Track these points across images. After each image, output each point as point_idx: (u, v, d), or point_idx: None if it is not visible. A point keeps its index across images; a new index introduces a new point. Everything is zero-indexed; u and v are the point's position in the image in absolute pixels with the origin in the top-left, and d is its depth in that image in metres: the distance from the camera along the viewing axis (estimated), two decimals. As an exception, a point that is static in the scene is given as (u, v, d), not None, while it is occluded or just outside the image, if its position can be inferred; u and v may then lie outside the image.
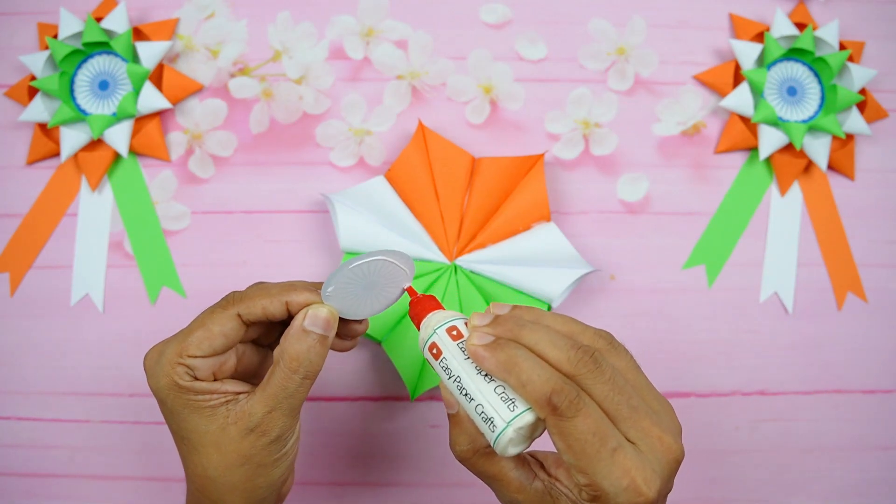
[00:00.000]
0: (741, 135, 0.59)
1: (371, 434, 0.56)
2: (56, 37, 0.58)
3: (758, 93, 0.59)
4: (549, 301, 0.54)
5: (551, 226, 0.55)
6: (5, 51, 0.59)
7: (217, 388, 0.39)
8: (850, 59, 0.60)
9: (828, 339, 0.58)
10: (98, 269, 0.57)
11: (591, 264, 0.56)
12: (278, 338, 0.40)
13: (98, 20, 0.58)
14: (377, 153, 0.58)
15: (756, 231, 0.59)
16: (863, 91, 0.60)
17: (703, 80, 0.60)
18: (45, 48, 0.58)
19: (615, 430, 0.34)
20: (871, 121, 0.60)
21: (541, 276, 0.54)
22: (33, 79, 0.58)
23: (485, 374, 0.36)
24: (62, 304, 0.57)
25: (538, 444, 0.38)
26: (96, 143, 0.57)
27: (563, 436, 0.34)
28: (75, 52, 0.57)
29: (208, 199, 0.58)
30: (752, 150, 0.59)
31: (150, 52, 0.57)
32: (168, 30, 0.58)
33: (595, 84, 0.60)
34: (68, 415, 0.56)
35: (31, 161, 0.58)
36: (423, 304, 0.40)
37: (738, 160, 0.60)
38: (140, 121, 0.57)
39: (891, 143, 0.60)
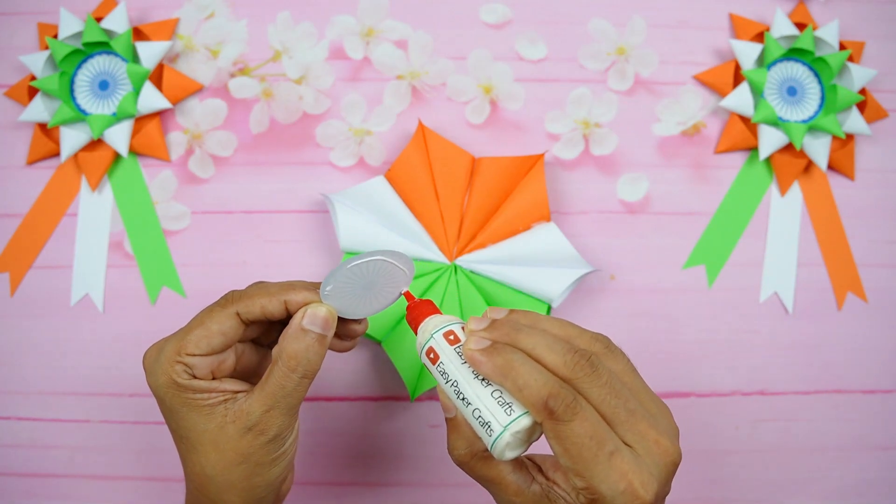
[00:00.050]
0: (741, 135, 0.59)
1: (371, 434, 0.56)
2: (56, 37, 0.58)
3: (758, 93, 0.59)
4: (549, 301, 0.54)
5: (551, 226, 0.55)
6: (5, 51, 0.59)
7: (215, 386, 0.39)
8: (850, 59, 0.60)
9: (828, 339, 0.58)
10: (98, 269, 0.57)
11: (591, 264, 0.56)
12: (278, 337, 0.40)
13: (98, 20, 0.58)
14: (377, 153, 0.58)
15: (756, 231, 0.59)
16: (863, 91, 0.60)
17: (703, 80, 0.60)
18: (45, 48, 0.58)
19: (612, 434, 0.35)
20: (871, 121, 0.60)
21: (541, 276, 0.54)
22: (33, 79, 0.58)
23: (482, 379, 0.37)
24: (62, 304, 0.57)
25: (536, 448, 0.38)
26: (96, 143, 0.57)
27: (559, 440, 0.34)
28: (75, 52, 0.57)
29: (208, 199, 0.58)
30: (752, 150, 0.59)
31: (150, 52, 0.57)
32: (168, 30, 0.58)
33: (595, 84, 0.60)
34: (68, 415, 0.56)
35: (31, 161, 0.58)
36: (421, 308, 0.40)
37: (738, 160, 0.60)
38: (140, 121, 0.57)
39: (891, 143, 0.60)
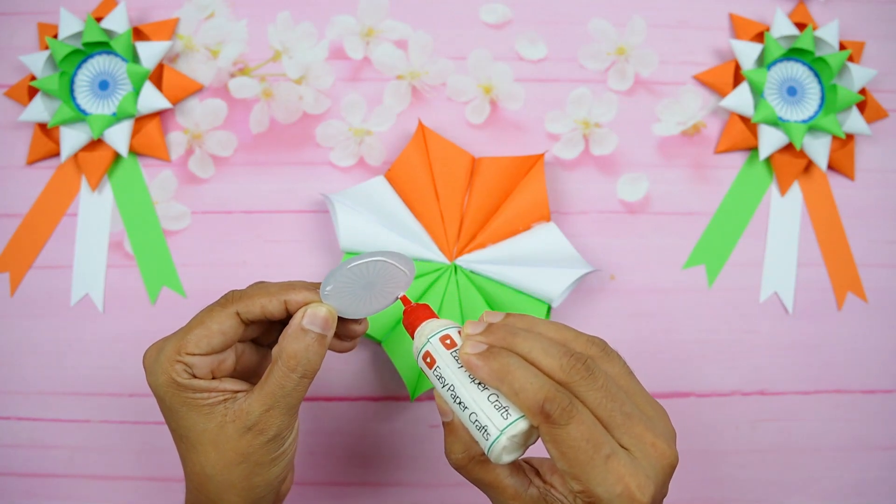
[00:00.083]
0: (741, 135, 0.59)
1: (371, 434, 0.56)
2: (56, 37, 0.58)
3: (758, 93, 0.59)
4: (549, 301, 0.54)
5: (551, 226, 0.55)
6: (5, 51, 0.59)
7: (215, 386, 0.39)
8: (850, 59, 0.60)
9: (828, 339, 0.58)
10: (98, 269, 0.57)
11: (591, 264, 0.56)
12: (277, 337, 0.40)
13: (98, 20, 0.58)
14: (377, 153, 0.58)
15: (756, 231, 0.59)
16: (863, 91, 0.60)
17: (703, 80, 0.60)
18: (45, 48, 0.58)
19: (608, 437, 0.35)
20: (871, 121, 0.60)
21: (541, 276, 0.54)
22: (33, 79, 0.58)
23: (478, 383, 0.37)
24: (62, 304, 0.57)
25: (533, 451, 0.38)
26: (96, 143, 0.57)
27: (556, 443, 0.34)
28: (75, 52, 0.57)
29: (208, 199, 0.58)
30: (752, 150, 0.59)
31: (150, 52, 0.57)
32: (168, 30, 0.58)
33: (595, 84, 0.60)
34: (68, 415, 0.56)
35: (31, 161, 0.58)
36: (417, 313, 0.40)
37: (738, 160, 0.60)
38: (140, 121, 0.57)
39: (891, 143, 0.60)
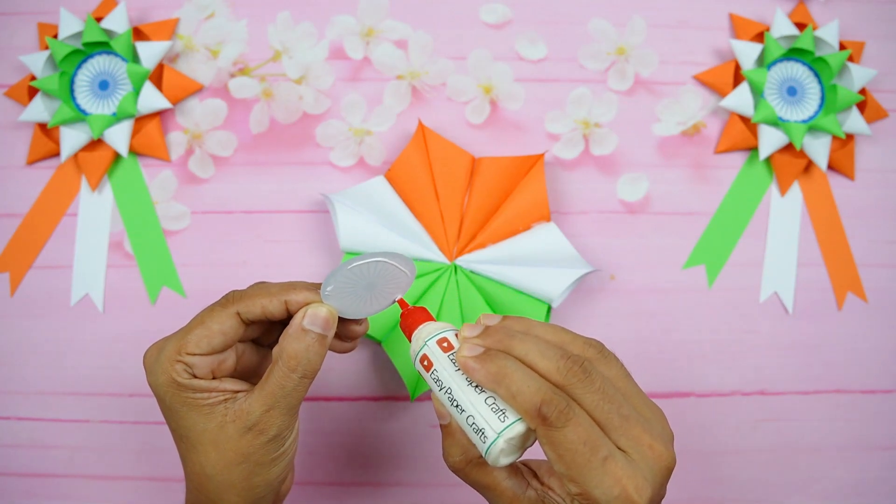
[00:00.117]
0: (741, 135, 0.59)
1: (371, 434, 0.56)
2: (56, 37, 0.58)
3: (758, 93, 0.59)
4: (549, 301, 0.54)
5: (551, 226, 0.55)
6: (5, 51, 0.59)
7: (215, 386, 0.39)
8: (850, 59, 0.60)
9: (828, 339, 0.58)
10: (98, 269, 0.57)
11: (591, 264, 0.56)
12: (278, 337, 0.40)
13: (98, 20, 0.58)
14: (377, 153, 0.58)
15: (756, 231, 0.59)
16: (863, 91, 0.60)
17: (703, 80, 0.60)
18: (45, 48, 0.58)
19: (606, 439, 0.35)
20: (871, 121, 0.60)
21: (541, 276, 0.54)
22: (33, 79, 0.58)
23: (475, 386, 0.37)
24: (62, 304, 0.57)
25: (531, 453, 0.38)
26: (96, 143, 0.57)
27: (553, 446, 0.34)
28: (75, 52, 0.57)
29: (208, 199, 0.58)
30: (752, 150, 0.59)
31: (150, 52, 0.57)
32: (168, 30, 0.58)
33: (595, 84, 0.60)
34: (68, 415, 0.56)
35: (31, 161, 0.58)
36: (414, 316, 0.40)
37: (738, 160, 0.60)
38: (140, 121, 0.57)
39: (891, 143, 0.60)
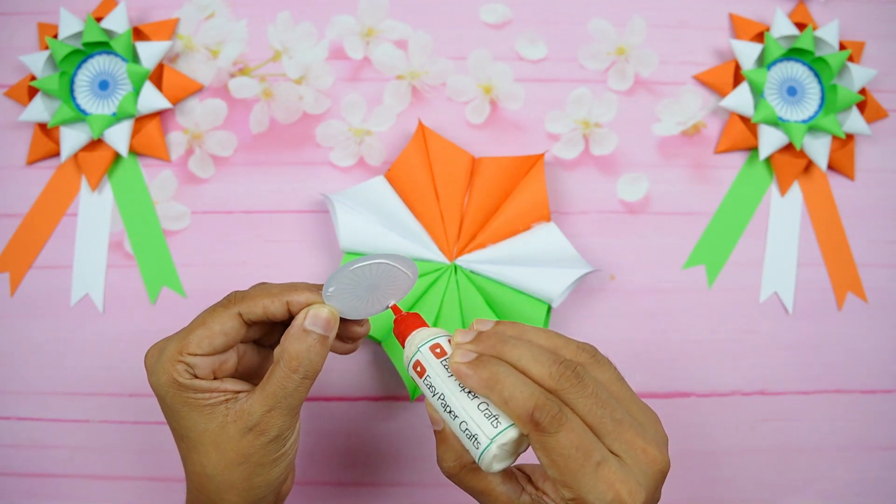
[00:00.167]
0: (741, 135, 0.59)
1: (371, 434, 0.56)
2: (56, 37, 0.58)
3: (758, 93, 0.59)
4: (549, 301, 0.54)
5: (551, 226, 0.55)
6: (5, 51, 0.59)
7: (217, 386, 0.39)
8: (850, 59, 0.60)
9: (828, 339, 0.58)
10: (98, 269, 0.57)
11: (591, 264, 0.56)
12: (279, 338, 0.40)
13: (98, 20, 0.58)
14: (377, 153, 0.58)
15: (756, 231, 0.59)
16: (863, 91, 0.60)
17: (703, 80, 0.60)
18: (45, 48, 0.58)
19: (599, 444, 0.35)
20: (871, 121, 0.60)
21: (541, 276, 0.54)
22: (33, 79, 0.58)
23: (468, 391, 0.37)
24: (62, 304, 0.57)
25: (526, 458, 0.38)
26: (96, 143, 0.57)
27: (546, 451, 0.34)
28: (75, 52, 0.57)
29: (208, 199, 0.58)
30: (752, 150, 0.59)
31: (150, 52, 0.57)
32: (168, 30, 0.58)
33: (595, 84, 0.60)
34: (68, 415, 0.56)
35: (31, 161, 0.58)
36: (407, 322, 0.40)
37: (738, 160, 0.60)
38: (140, 121, 0.57)
39: (891, 143, 0.60)
